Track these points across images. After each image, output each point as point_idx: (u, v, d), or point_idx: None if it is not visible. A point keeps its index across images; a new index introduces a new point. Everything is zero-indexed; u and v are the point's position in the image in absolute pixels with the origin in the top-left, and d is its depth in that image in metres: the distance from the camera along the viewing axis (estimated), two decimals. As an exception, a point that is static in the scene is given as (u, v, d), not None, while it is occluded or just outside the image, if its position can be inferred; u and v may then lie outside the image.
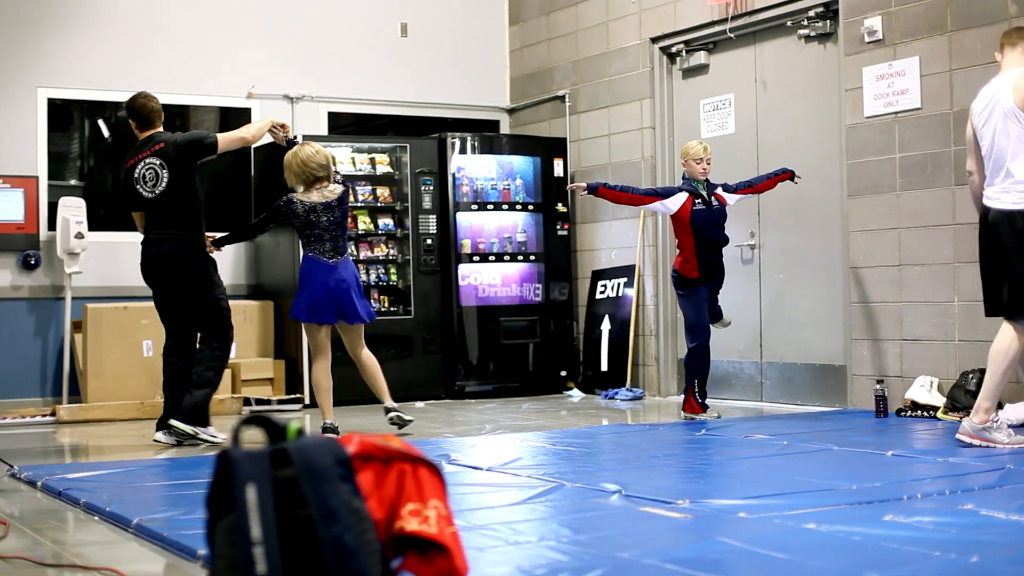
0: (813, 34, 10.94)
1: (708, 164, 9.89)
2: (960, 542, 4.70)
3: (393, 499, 3.39)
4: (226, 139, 9.36)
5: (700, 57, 12.06)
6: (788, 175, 10.23)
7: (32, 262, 11.83)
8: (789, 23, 11.16)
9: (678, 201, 9.84)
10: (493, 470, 7.07)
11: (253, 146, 12.73)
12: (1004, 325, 7.57)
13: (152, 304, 10.78)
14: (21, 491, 6.93)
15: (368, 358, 9.59)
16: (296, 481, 3.09)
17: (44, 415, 11.20)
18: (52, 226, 11.84)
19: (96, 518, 5.92)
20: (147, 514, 5.63)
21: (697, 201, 9.82)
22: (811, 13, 10.87)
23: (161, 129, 9.37)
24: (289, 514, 3.06)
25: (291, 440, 3.18)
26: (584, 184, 10.05)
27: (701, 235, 9.83)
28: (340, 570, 3.05)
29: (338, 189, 9.35)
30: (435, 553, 3.40)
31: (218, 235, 9.60)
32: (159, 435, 9.11)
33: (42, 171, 12.01)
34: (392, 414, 9.56)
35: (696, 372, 10.05)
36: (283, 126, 9.65)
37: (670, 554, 4.59)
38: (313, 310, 9.25)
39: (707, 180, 9.92)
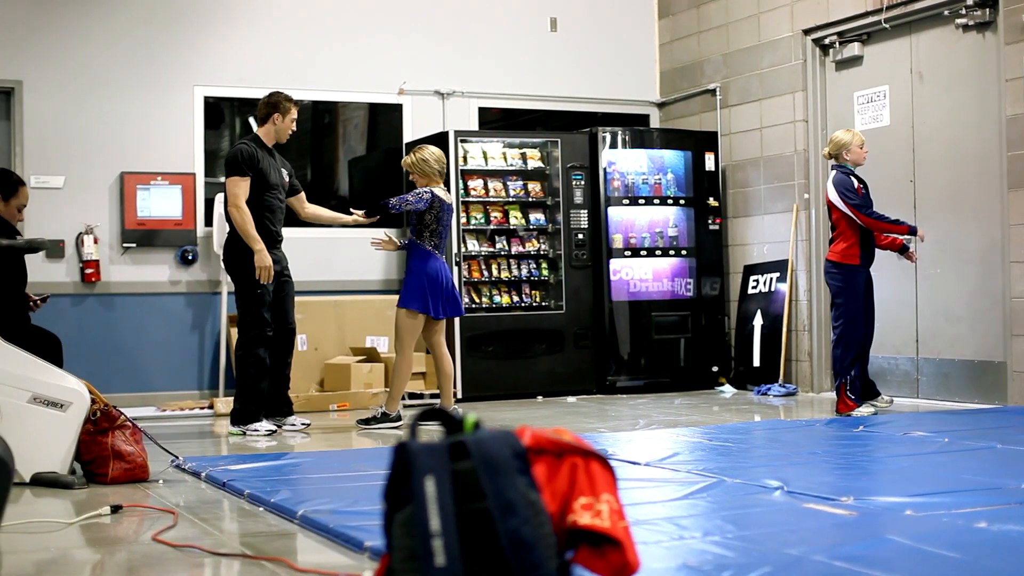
0: (971, 23, 10.72)
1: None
2: None
3: (565, 492, 3.38)
4: (232, 193, 9.48)
5: (854, 48, 11.89)
6: (899, 244, 10.20)
7: (189, 257, 12.05)
8: (946, 12, 10.95)
9: (854, 190, 9.94)
10: (651, 465, 7.05)
11: (406, 141, 12.85)
12: None
13: (306, 299, 11.00)
14: (186, 482, 7.05)
15: (448, 355, 9.98)
16: (474, 474, 3.09)
17: (202, 408, 11.39)
18: (208, 222, 12.06)
19: (261, 509, 6.00)
20: (311, 505, 5.69)
21: (862, 186, 9.87)
22: (969, 1, 10.64)
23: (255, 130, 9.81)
24: (467, 507, 3.07)
25: (468, 432, 3.19)
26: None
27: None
28: (518, 562, 3.06)
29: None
30: (607, 547, 3.38)
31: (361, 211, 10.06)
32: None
33: (199, 168, 12.23)
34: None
35: (848, 367, 9.92)
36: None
37: (839, 551, 4.53)
38: (432, 303, 9.69)
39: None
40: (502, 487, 3.09)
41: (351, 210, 10.15)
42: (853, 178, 9.92)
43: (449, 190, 10.13)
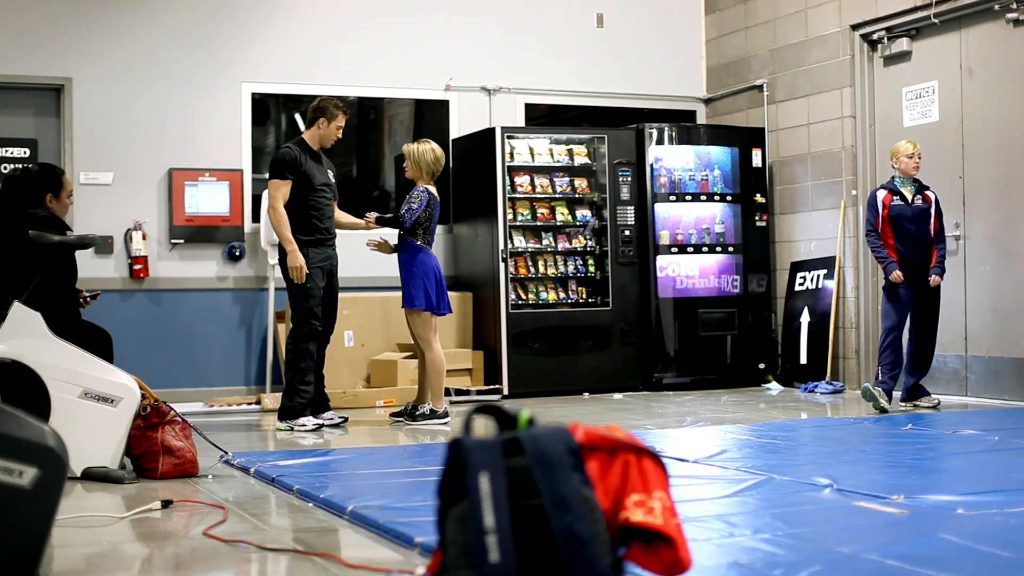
0: (1022, 18, 10.63)
1: (919, 158, 10.10)
2: None
3: (618, 489, 3.38)
4: (272, 195, 9.70)
5: (902, 44, 11.81)
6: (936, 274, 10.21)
7: (237, 253, 12.08)
8: (997, 7, 10.87)
9: (880, 202, 10.09)
10: (699, 462, 7.03)
11: (451, 138, 12.87)
12: None
13: (354, 295, 11.03)
14: (235, 477, 7.08)
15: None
16: (528, 470, 3.09)
17: (249, 403, 11.44)
18: (256, 218, 12.10)
19: (310, 504, 6.02)
20: (360, 501, 5.70)
21: (895, 197, 9.99)
22: (1020, -3, 10.59)
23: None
24: (521, 503, 3.07)
25: (522, 429, 3.19)
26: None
27: (899, 229, 10.00)
28: (572, 559, 3.05)
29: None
30: (660, 544, 3.38)
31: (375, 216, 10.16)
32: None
33: (246, 164, 12.27)
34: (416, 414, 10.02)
35: (880, 358, 10.14)
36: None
37: (891, 550, 4.51)
38: (436, 300, 9.81)
39: (916, 179, 10.02)
40: (556, 484, 3.09)
41: (366, 215, 10.16)
42: (883, 191, 10.13)
43: (497, 187, 10.13)
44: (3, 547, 3.95)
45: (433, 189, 9.91)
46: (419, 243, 9.79)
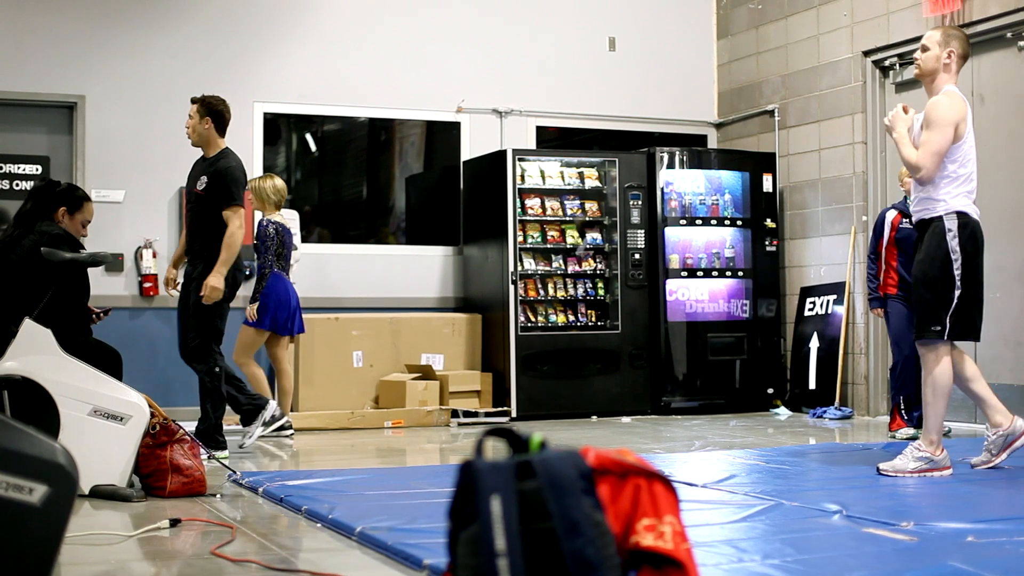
0: (1035, 46, 10.67)
1: None
2: None
3: (628, 513, 3.37)
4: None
5: (914, 70, 11.80)
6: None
7: (247, 273, 12.06)
8: (1009, 35, 10.88)
9: (889, 223, 10.11)
10: (708, 487, 7.01)
11: (463, 160, 12.88)
12: None
13: (362, 316, 11.04)
14: (243, 496, 7.08)
15: (290, 373, 11.02)
16: (540, 493, 3.08)
17: (257, 423, 11.42)
18: (266, 238, 12.10)
19: (319, 525, 6.01)
20: (369, 522, 5.69)
21: (904, 220, 9.95)
22: (1032, 24, 10.60)
23: None
24: (532, 526, 3.06)
25: (534, 452, 3.18)
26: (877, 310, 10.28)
27: (904, 253, 9.93)
28: (582, 584, 3.04)
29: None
30: (670, 569, 3.36)
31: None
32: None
33: (257, 184, 12.27)
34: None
35: (900, 388, 10.05)
36: None
37: (901, 577, 4.50)
38: (286, 323, 10.54)
39: None
40: (568, 507, 3.08)
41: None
42: (893, 211, 10.15)
43: (508, 209, 10.16)
44: (12, 564, 3.95)
45: (278, 218, 10.51)
46: (275, 270, 10.49)
